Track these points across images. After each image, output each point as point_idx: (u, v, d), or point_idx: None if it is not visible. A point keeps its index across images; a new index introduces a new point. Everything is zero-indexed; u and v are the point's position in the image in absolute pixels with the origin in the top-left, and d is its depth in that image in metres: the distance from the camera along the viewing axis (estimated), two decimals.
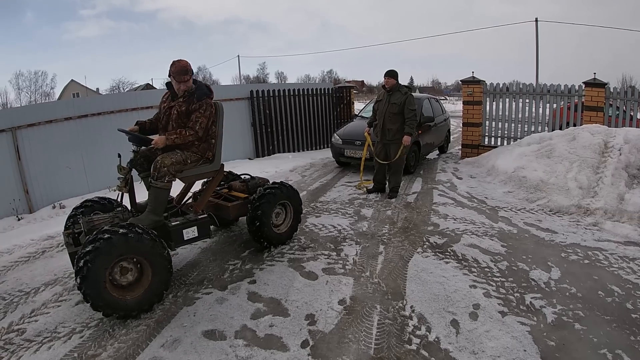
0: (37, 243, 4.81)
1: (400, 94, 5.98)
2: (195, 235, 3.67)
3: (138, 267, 3.16)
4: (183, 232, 3.60)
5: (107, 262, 2.93)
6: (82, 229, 3.44)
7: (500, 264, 3.85)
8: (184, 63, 3.59)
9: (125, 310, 3.08)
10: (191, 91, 3.67)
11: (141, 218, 3.50)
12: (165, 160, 3.47)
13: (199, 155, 3.78)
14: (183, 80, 3.58)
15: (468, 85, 9.04)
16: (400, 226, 4.94)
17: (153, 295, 3.20)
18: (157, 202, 3.53)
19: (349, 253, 4.20)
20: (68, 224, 3.83)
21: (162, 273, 3.21)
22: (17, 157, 5.97)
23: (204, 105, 3.66)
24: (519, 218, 5.12)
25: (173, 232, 3.55)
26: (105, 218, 3.55)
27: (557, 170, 6.11)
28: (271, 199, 4.20)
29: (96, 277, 2.87)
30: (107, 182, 7.00)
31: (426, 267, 3.81)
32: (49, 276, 3.92)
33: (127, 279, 3.12)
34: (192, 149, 3.72)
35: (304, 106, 10.42)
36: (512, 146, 7.78)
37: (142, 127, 3.88)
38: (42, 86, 52.79)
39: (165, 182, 3.48)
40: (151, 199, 3.53)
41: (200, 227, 3.70)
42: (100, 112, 6.98)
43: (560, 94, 8.27)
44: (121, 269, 3.08)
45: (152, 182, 3.46)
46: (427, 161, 9.29)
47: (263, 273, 3.81)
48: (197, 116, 3.62)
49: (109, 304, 2.98)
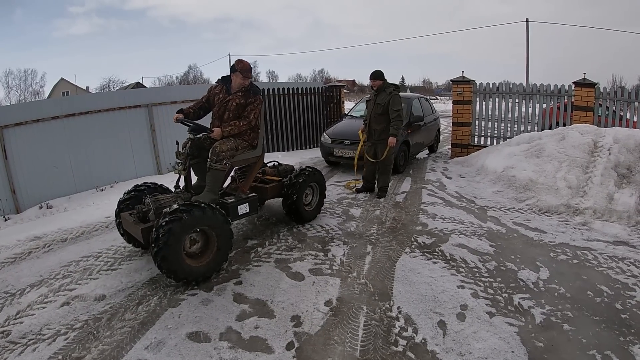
0: (24, 244, 4.74)
1: (385, 94, 5.97)
2: (247, 211, 4.30)
3: (204, 239, 3.65)
4: (238, 207, 4.20)
5: (185, 232, 3.38)
6: (151, 208, 3.79)
7: (488, 264, 3.83)
8: (247, 64, 4.27)
9: (195, 275, 3.52)
10: (247, 87, 4.26)
11: (203, 196, 3.98)
12: (223, 146, 3.98)
13: (247, 142, 4.30)
14: (249, 76, 4.26)
15: (458, 85, 9.05)
16: (388, 226, 4.91)
17: (217, 263, 3.70)
18: (215, 182, 4.04)
19: (337, 253, 4.16)
20: (122, 206, 4.20)
21: (226, 243, 3.70)
22: (3, 157, 5.92)
23: (258, 100, 4.28)
24: (507, 218, 5.11)
25: (231, 208, 4.12)
26: (169, 197, 3.98)
27: (546, 169, 6.12)
28: (305, 181, 4.89)
29: (176, 245, 3.31)
30: (94, 182, 6.98)
31: (414, 268, 3.78)
32: (35, 277, 3.87)
33: (195, 249, 3.61)
34: (244, 137, 4.26)
35: (293, 105, 10.34)
36: (502, 146, 7.80)
37: (185, 115, 4.31)
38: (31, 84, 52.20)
39: (224, 164, 3.97)
40: (210, 180, 4.02)
41: (251, 203, 4.34)
42: (87, 111, 6.92)
43: (550, 94, 8.30)
44: (190, 240, 3.55)
45: (212, 165, 3.94)
46: (416, 160, 9.29)
47: (249, 274, 3.77)
48: (252, 108, 4.22)
49: (184, 270, 3.42)
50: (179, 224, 3.30)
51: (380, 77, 6.05)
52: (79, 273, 3.91)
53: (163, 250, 3.25)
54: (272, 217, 5.36)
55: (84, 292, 3.51)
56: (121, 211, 4.17)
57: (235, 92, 4.25)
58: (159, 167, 7.91)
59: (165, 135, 7.84)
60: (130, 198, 4.24)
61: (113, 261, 4.15)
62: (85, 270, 3.98)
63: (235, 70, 4.20)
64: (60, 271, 3.98)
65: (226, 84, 4.35)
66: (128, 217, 3.99)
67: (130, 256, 4.26)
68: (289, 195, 4.81)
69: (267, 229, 4.92)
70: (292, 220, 5.05)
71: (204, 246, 3.67)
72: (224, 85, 4.36)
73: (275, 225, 5.07)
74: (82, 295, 3.48)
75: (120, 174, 7.36)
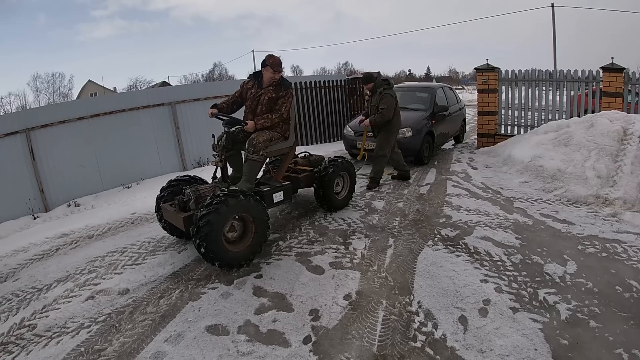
0: (52, 241, 4.88)
1: (377, 94, 6.08)
2: (282, 198, 4.46)
3: (242, 225, 3.81)
4: (273, 195, 4.37)
5: (223, 222, 3.53)
6: (191, 197, 3.96)
7: (513, 257, 3.73)
8: (278, 59, 4.36)
9: (238, 260, 3.72)
10: (278, 81, 4.37)
11: (239, 185, 4.10)
12: (259, 137, 4.15)
13: (280, 134, 4.48)
14: (279, 70, 4.37)
15: (483, 73, 8.83)
16: (411, 218, 4.84)
17: (257, 245, 3.85)
18: (252, 172, 4.21)
19: (358, 247, 4.12)
20: (161, 201, 4.37)
21: (264, 229, 3.87)
22: (31, 158, 6.15)
23: (289, 93, 4.41)
24: (534, 209, 4.97)
25: (266, 196, 4.29)
26: (208, 187, 4.16)
27: (574, 159, 5.92)
28: (335, 170, 5.06)
29: (216, 235, 3.47)
30: (121, 179, 7.15)
31: (436, 261, 3.71)
32: (62, 273, 3.99)
33: (233, 235, 3.78)
34: (277, 129, 4.42)
35: (316, 98, 10.30)
36: (529, 135, 7.57)
37: (220, 110, 4.45)
38: (59, 87, 53.30)
39: (260, 155, 4.15)
40: (246, 170, 4.20)
41: (286, 191, 4.50)
42: (112, 110, 7.09)
43: (577, 81, 8.00)
44: (230, 227, 3.72)
45: (249, 156, 4.12)
46: (442, 151, 9.14)
47: (270, 267, 3.78)
48: (283, 101, 4.35)
49: (226, 257, 3.60)
50: (216, 214, 3.44)
51: (370, 80, 6.22)
52: (104, 268, 4.02)
53: (205, 241, 3.43)
54: (294, 211, 5.35)
55: (108, 287, 3.60)
56: (163, 203, 4.34)
57: (267, 87, 4.39)
58: (184, 163, 8.02)
59: (189, 132, 7.94)
60: (169, 189, 4.43)
61: (137, 256, 4.23)
62: (110, 265, 4.08)
63: (265, 65, 4.32)
64: (86, 266, 4.10)
65: (257, 79, 4.48)
66: (169, 207, 4.16)
67: (154, 251, 4.34)
68: (320, 185, 4.97)
69: (288, 223, 4.91)
70: (323, 208, 5.21)
71: (243, 231, 3.84)
72: (256, 80, 4.49)
73: (297, 219, 5.06)
74: (106, 289, 3.57)
75: (145, 171, 7.51)
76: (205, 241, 3.44)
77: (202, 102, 8.02)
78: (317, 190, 5.04)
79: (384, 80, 6.18)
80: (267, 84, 4.39)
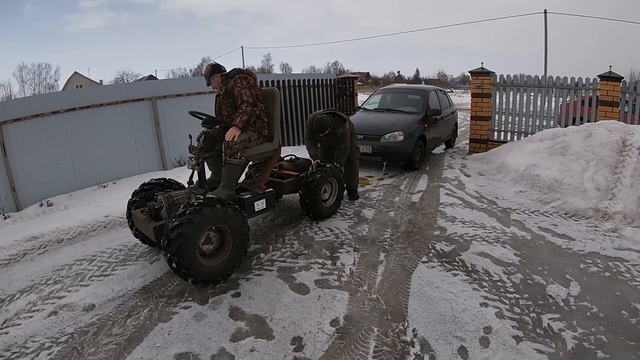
0: (20, 244, 4.61)
1: (333, 135, 5.38)
2: (264, 207, 4.18)
3: (219, 236, 3.50)
4: (254, 204, 4.09)
5: (197, 233, 3.20)
6: (163, 205, 3.65)
7: (514, 277, 3.46)
8: (204, 71, 4.26)
9: (214, 275, 3.38)
10: (225, 76, 4.21)
11: (217, 192, 3.86)
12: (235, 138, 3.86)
13: (257, 133, 4.16)
14: (209, 82, 4.25)
15: (477, 77, 8.59)
16: (403, 230, 4.55)
17: (235, 260, 3.52)
18: (231, 177, 3.95)
19: (346, 262, 3.81)
20: (132, 207, 4.07)
21: (243, 242, 3.54)
22: (2, 154, 5.82)
23: (238, 80, 4.06)
24: (532, 222, 4.72)
25: (247, 204, 4.01)
26: (182, 194, 3.83)
27: (572, 169, 5.69)
28: (323, 176, 4.73)
29: (189, 249, 3.14)
30: (97, 178, 6.83)
31: (432, 281, 3.42)
32: (26, 282, 3.73)
33: (209, 248, 3.46)
34: (250, 127, 4.11)
35: (304, 97, 10.00)
36: (524, 142, 7.35)
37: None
38: (45, 78, 52.51)
39: (239, 158, 3.89)
40: (225, 175, 3.93)
41: (268, 199, 4.22)
42: (89, 105, 6.74)
43: (575, 88, 7.80)
44: (205, 239, 3.41)
45: (227, 160, 3.85)
46: (433, 156, 8.90)
47: (249, 284, 3.46)
48: (238, 90, 4.01)
49: (200, 272, 3.27)
50: (189, 226, 3.13)
51: (326, 127, 5.22)
52: (71, 279, 3.72)
53: (176, 256, 3.11)
54: (278, 219, 5.04)
55: (73, 301, 3.31)
56: (134, 209, 4.04)
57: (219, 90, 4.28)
58: (164, 162, 7.69)
59: (170, 130, 7.60)
60: (142, 194, 4.13)
61: (107, 266, 3.93)
62: (77, 275, 3.79)
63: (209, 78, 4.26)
64: (52, 276, 3.81)
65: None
66: (140, 215, 3.85)
67: (125, 260, 4.04)
68: (307, 191, 4.66)
69: (271, 232, 4.60)
70: (309, 216, 4.87)
71: (220, 243, 3.53)
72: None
73: (280, 227, 4.75)
74: (70, 304, 3.27)
75: (123, 169, 7.18)
76: (176, 255, 3.11)
77: (185, 97, 7.68)
78: (302, 198, 4.72)
79: (338, 117, 5.44)
80: (219, 87, 4.26)
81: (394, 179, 6.87)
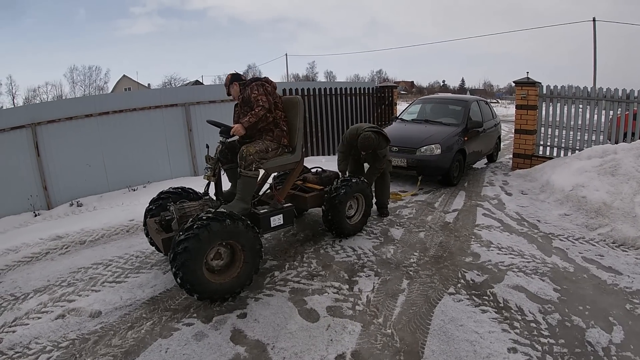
0: (44, 243, 4.71)
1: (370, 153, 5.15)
2: (281, 222, 3.95)
3: (230, 252, 3.34)
4: (270, 219, 3.87)
5: (204, 249, 3.06)
6: (174, 216, 3.56)
7: (550, 317, 3.07)
8: (225, 80, 4.25)
9: (221, 293, 3.22)
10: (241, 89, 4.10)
11: (232, 205, 3.71)
12: (250, 149, 3.72)
13: (276, 142, 3.98)
14: (228, 91, 4.22)
15: (522, 87, 8.05)
16: (432, 254, 4.22)
17: (245, 278, 3.35)
18: (246, 190, 3.77)
19: (364, 288, 3.52)
20: (149, 215, 4.00)
21: (255, 259, 3.37)
22: (36, 153, 5.99)
23: (254, 86, 3.94)
24: (576, 251, 4.28)
25: (262, 219, 3.81)
26: (195, 205, 3.73)
27: (622, 191, 5.17)
28: (348, 191, 4.47)
29: (195, 265, 3.01)
30: (128, 181, 6.89)
31: (456, 317, 3.08)
32: (42, 282, 3.79)
33: (219, 264, 3.30)
34: (268, 137, 3.96)
35: (341, 106, 9.76)
36: (570, 159, 6.82)
37: None
38: (95, 80, 55.15)
39: (253, 170, 3.73)
40: (240, 187, 3.77)
41: (286, 215, 3.99)
42: (122, 109, 6.80)
43: (627, 101, 7.18)
44: (215, 254, 3.27)
45: (242, 172, 3.70)
46: (473, 171, 8.43)
47: (257, 305, 3.27)
48: (254, 96, 3.86)
49: (207, 289, 3.12)
50: (196, 241, 3.00)
51: (370, 147, 4.94)
52: (84, 282, 3.75)
53: (181, 271, 2.99)
54: (300, 233, 4.83)
55: (81, 306, 3.32)
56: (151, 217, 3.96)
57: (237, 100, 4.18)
58: (195, 168, 7.64)
59: (203, 136, 7.54)
60: (158, 202, 4.05)
61: (120, 272, 3.93)
62: (91, 279, 3.81)
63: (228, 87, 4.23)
64: (67, 278, 3.86)
65: None
66: (153, 224, 3.77)
67: (139, 267, 4.02)
68: (330, 207, 4.41)
69: (291, 248, 4.40)
70: (332, 233, 4.62)
71: (231, 259, 3.38)
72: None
73: (301, 243, 4.53)
74: (78, 308, 3.28)
75: (154, 174, 7.19)
76: (181, 270, 2.98)
77: (219, 104, 7.61)
78: (325, 213, 4.47)
79: (383, 137, 5.16)
80: (237, 97, 4.14)
81: (428, 195, 6.51)
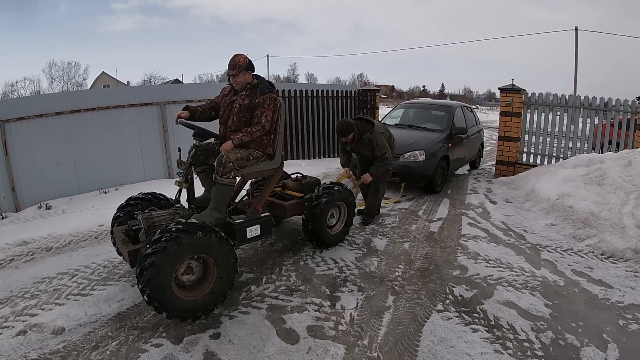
0: (9, 249, 4.44)
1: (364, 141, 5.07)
2: (258, 233, 3.69)
3: (202, 266, 3.09)
4: (247, 230, 3.60)
5: (176, 262, 2.83)
6: (142, 226, 3.30)
7: (543, 336, 2.92)
8: (237, 58, 3.59)
9: (192, 311, 2.99)
10: (254, 85, 3.66)
11: (205, 215, 3.43)
12: (230, 155, 3.41)
13: (260, 151, 3.71)
14: (231, 74, 3.59)
15: (507, 94, 8.04)
16: (418, 267, 4.03)
17: (218, 294, 3.11)
18: (221, 199, 3.49)
19: (347, 305, 3.30)
20: (116, 222, 3.71)
21: (229, 272, 3.13)
22: (4, 152, 5.65)
23: (268, 100, 3.59)
24: (565, 263, 4.16)
25: (238, 231, 3.54)
26: (165, 214, 3.47)
27: (610, 201, 5.10)
28: (329, 200, 4.25)
29: (165, 277, 2.77)
30: (99, 182, 6.56)
31: (446, 337, 2.88)
32: (5, 292, 3.52)
33: (190, 279, 3.05)
34: (255, 145, 3.65)
35: (321, 109, 9.61)
36: (555, 167, 6.78)
37: (192, 114, 3.79)
38: (74, 76, 54.13)
39: (231, 178, 3.44)
40: (215, 195, 3.47)
41: (264, 225, 3.72)
42: (94, 107, 6.48)
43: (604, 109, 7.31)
44: (185, 269, 3.02)
45: (218, 179, 3.40)
46: (455, 178, 8.34)
47: (232, 324, 3.01)
48: (262, 110, 3.57)
49: (177, 307, 2.89)
50: (163, 255, 2.73)
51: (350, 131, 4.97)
52: (48, 294, 3.47)
53: (148, 287, 2.74)
54: (278, 243, 4.59)
55: (44, 321, 3.05)
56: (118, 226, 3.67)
57: (240, 93, 3.70)
58: (170, 170, 7.36)
59: (178, 136, 7.25)
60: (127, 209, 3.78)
61: (87, 283, 3.65)
62: (55, 291, 3.53)
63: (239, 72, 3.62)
64: (30, 289, 3.59)
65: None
66: (120, 234, 3.49)
67: (107, 279, 3.74)
68: (310, 216, 4.19)
69: (268, 259, 4.16)
70: (312, 243, 4.38)
71: (203, 274, 3.11)
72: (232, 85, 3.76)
73: (279, 254, 4.30)
74: (41, 324, 3.01)
75: (127, 176, 6.89)
76: (148, 287, 2.73)
77: (196, 104, 7.28)
78: (305, 223, 4.24)
79: (366, 121, 5.16)
80: (241, 87, 3.69)
81: (412, 202, 6.35)
